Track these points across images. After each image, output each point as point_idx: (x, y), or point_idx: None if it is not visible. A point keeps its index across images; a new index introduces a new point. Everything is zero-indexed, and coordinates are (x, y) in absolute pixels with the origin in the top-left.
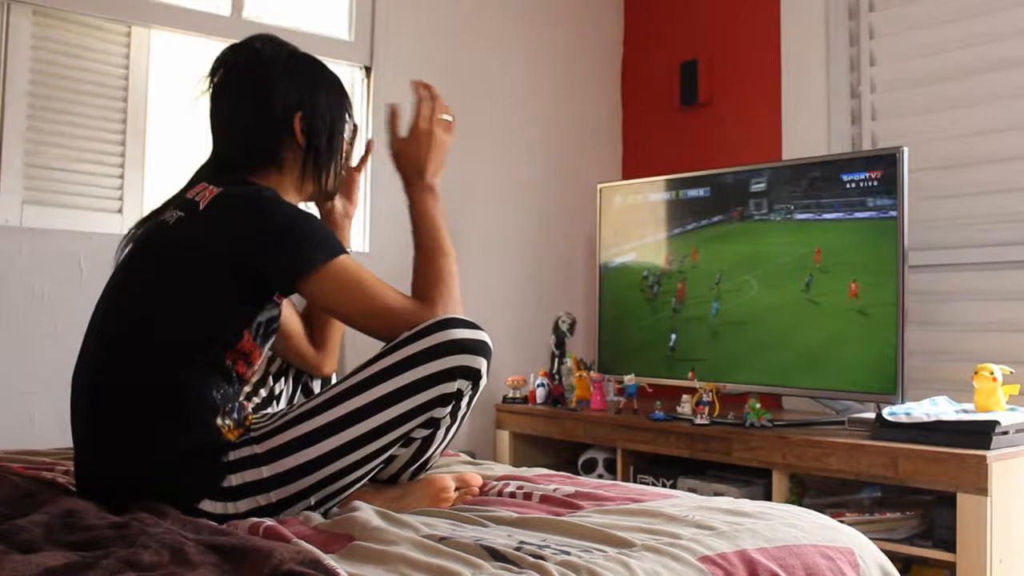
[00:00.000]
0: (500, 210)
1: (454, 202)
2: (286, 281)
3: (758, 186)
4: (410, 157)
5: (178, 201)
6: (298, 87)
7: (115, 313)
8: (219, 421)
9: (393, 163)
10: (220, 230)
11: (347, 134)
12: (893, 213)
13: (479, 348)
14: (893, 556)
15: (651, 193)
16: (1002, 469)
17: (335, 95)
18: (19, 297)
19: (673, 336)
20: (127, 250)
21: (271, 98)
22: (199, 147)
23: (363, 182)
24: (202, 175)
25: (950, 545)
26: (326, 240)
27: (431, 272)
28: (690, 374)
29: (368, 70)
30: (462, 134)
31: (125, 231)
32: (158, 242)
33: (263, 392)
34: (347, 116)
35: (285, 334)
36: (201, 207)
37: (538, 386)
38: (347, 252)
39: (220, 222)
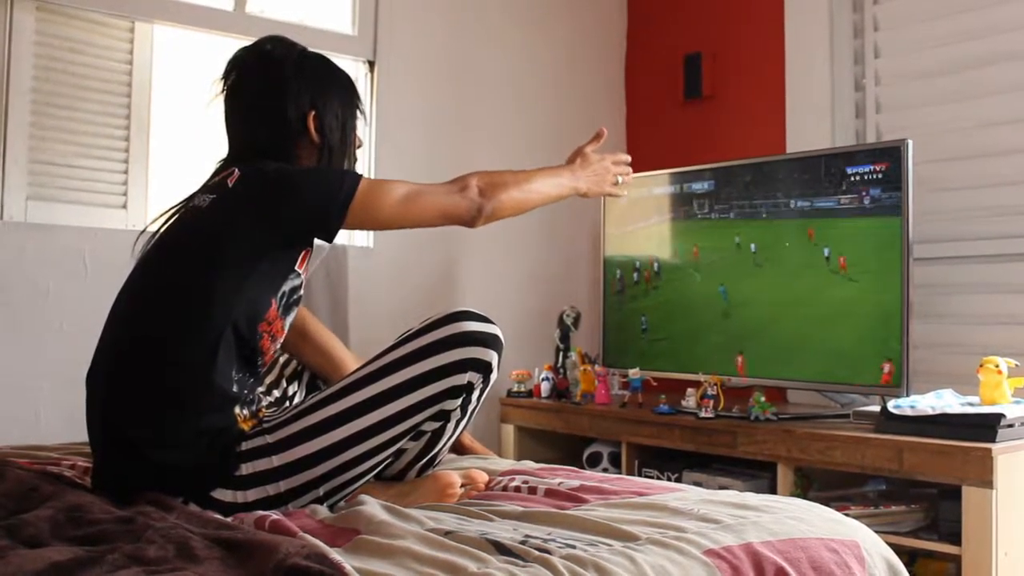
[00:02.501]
0: None
1: None
2: (328, 224)
3: (762, 179)
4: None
5: (207, 187)
6: (310, 87)
7: (146, 296)
8: (238, 410)
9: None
10: (251, 199)
11: (358, 128)
12: (898, 206)
13: (490, 341)
14: (898, 549)
15: (656, 186)
16: (1007, 462)
17: (345, 92)
18: (24, 293)
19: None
20: (156, 237)
21: (285, 100)
22: (203, 142)
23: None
24: (219, 172)
25: (955, 538)
26: (345, 178)
27: (504, 174)
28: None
29: (372, 64)
30: (465, 127)
31: (130, 227)
32: (193, 224)
33: (276, 393)
34: (357, 111)
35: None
36: (230, 184)
37: (543, 380)
38: (362, 176)
39: (250, 192)
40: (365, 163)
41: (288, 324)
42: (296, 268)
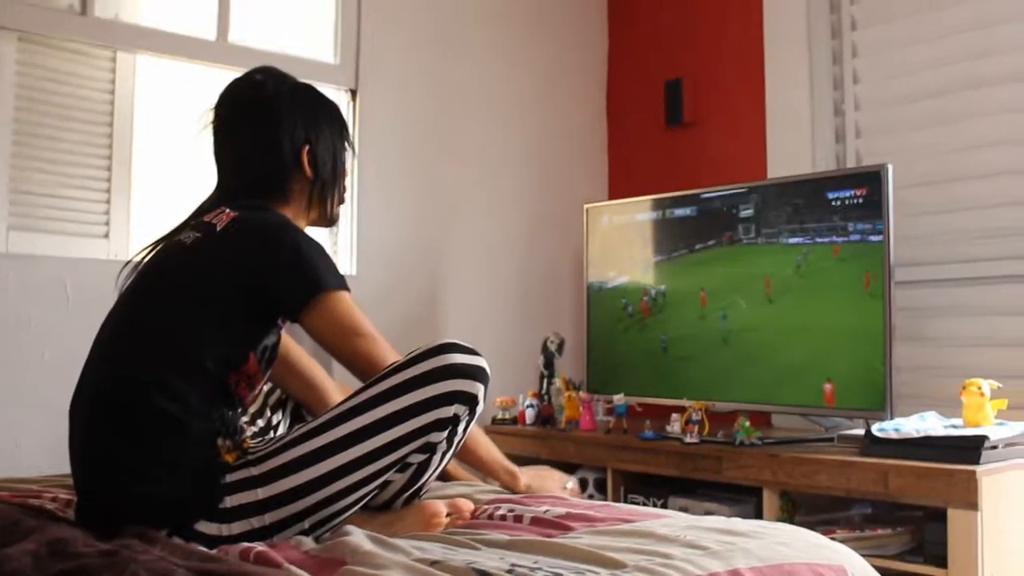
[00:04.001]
0: (487, 230)
1: (442, 223)
2: (294, 307)
3: (744, 204)
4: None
5: (194, 223)
6: (303, 120)
7: (125, 332)
8: (220, 441)
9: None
10: (236, 253)
11: (347, 160)
12: (879, 230)
13: (477, 373)
14: (884, 572)
15: (638, 213)
16: (991, 484)
17: (336, 124)
18: (5, 323)
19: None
20: (138, 271)
21: (279, 133)
22: (186, 171)
23: (349, 205)
24: (208, 207)
25: (941, 560)
26: (332, 273)
27: None
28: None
29: (354, 93)
30: (448, 155)
31: (112, 256)
32: (174, 262)
33: (260, 423)
34: (347, 143)
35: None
36: (218, 229)
37: (527, 407)
38: (349, 289)
39: (236, 245)
40: (348, 193)
41: (267, 374)
42: (279, 323)
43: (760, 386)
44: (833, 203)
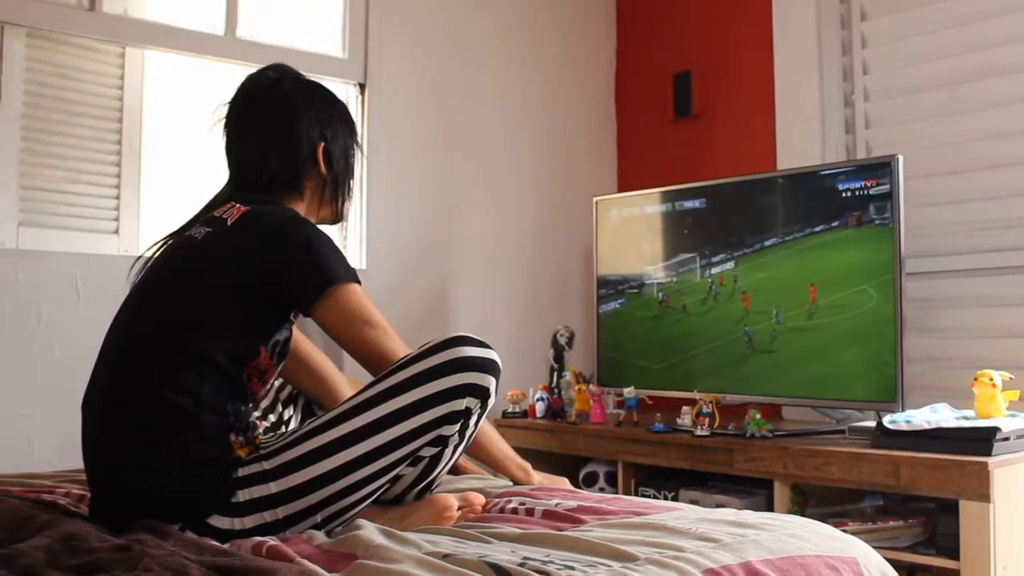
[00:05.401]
0: (496, 224)
1: (450, 217)
2: (306, 301)
3: (753, 197)
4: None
5: (204, 219)
6: (319, 118)
7: (137, 327)
8: (232, 436)
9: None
10: (247, 247)
11: (356, 158)
12: (890, 221)
13: (488, 366)
14: (897, 564)
15: (647, 205)
16: (1004, 475)
17: (347, 124)
18: (16, 320)
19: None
20: (148, 266)
21: (296, 130)
22: (195, 166)
23: (358, 199)
24: (218, 202)
25: (953, 552)
26: (344, 266)
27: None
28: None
29: (362, 87)
30: (457, 148)
31: (122, 252)
32: (185, 257)
33: (272, 417)
34: (355, 143)
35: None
36: (229, 224)
37: (538, 400)
38: (360, 281)
39: (248, 240)
40: (356, 187)
41: (279, 368)
42: (291, 318)
43: (771, 378)
44: (844, 194)
